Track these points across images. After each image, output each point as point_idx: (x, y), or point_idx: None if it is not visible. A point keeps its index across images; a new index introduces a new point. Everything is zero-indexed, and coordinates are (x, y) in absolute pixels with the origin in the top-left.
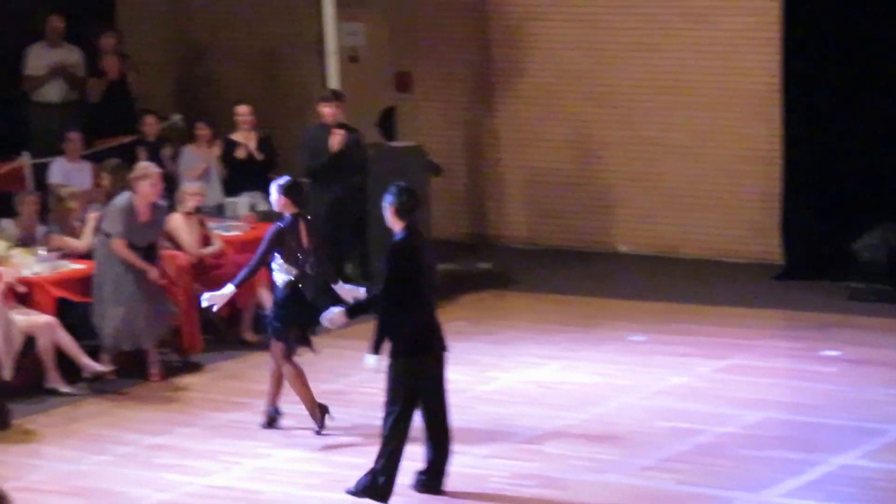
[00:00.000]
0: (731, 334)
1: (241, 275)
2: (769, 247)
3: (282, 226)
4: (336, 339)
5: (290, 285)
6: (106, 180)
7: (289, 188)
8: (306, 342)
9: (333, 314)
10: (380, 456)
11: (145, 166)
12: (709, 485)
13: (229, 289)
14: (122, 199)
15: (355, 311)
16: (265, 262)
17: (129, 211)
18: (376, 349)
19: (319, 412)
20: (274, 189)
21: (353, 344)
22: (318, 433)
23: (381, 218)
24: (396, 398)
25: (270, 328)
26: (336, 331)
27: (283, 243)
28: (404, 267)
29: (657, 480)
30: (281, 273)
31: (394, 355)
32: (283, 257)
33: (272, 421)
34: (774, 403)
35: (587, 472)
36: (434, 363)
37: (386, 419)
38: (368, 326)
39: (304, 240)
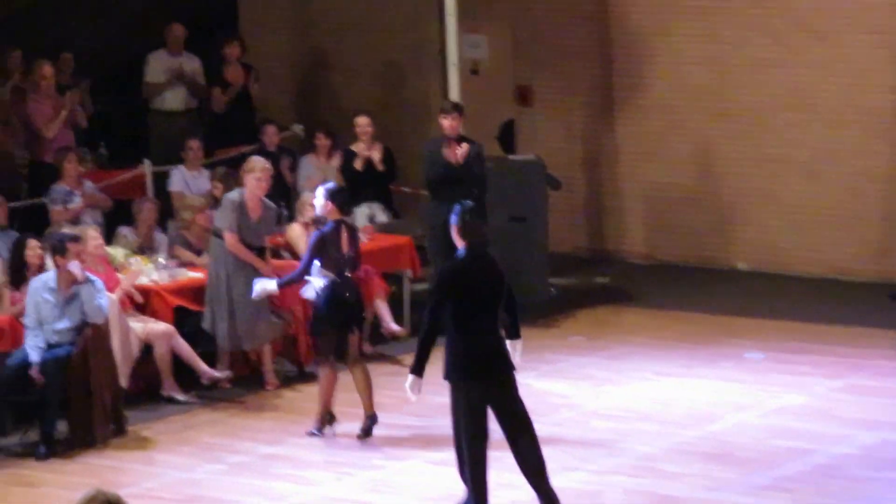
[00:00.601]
0: (848, 353)
1: (287, 278)
2: (889, 266)
3: (324, 231)
4: None
5: (328, 290)
6: (217, 189)
7: (335, 193)
8: (342, 353)
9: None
10: (466, 480)
11: (253, 160)
12: None
13: (272, 285)
14: (232, 194)
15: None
16: (308, 270)
17: (240, 206)
18: (415, 369)
19: (327, 419)
20: (321, 194)
21: None
22: (309, 433)
23: (500, 230)
24: (457, 422)
25: (311, 332)
26: None
27: (324, 250)
28: (448, 289)
29: (772, 500)
30: (319, 278)
31: (448, 378)
32: (322, 263)
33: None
34: (891, 424)
35: (701, 490)
36: (493, 388)
37: (455, 446)
38: None
39: (345, 246)
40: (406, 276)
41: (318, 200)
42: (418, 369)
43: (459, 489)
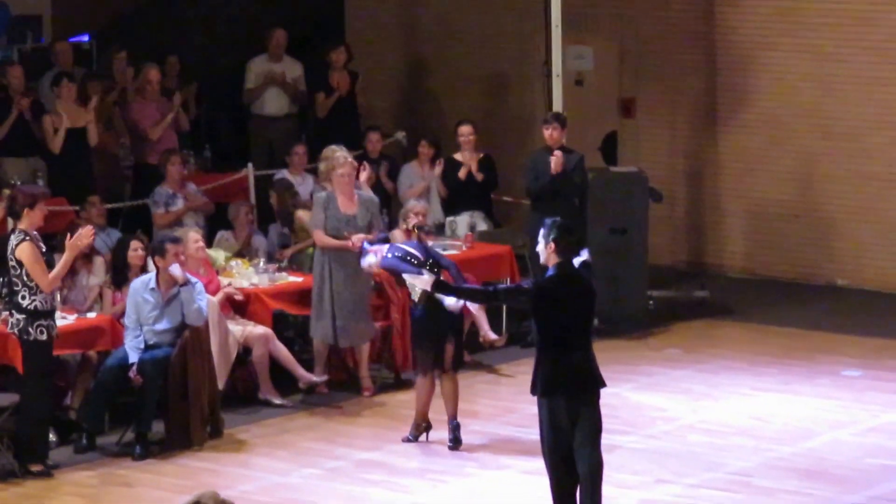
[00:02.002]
0: None
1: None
2: None
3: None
4: None
5: (424, 301)
6: (273, 198)
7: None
8: (439, 361)
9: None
10: None
11: (333, 158)
12: None
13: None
14: (321, 193)
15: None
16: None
17: (328, 203)
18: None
19: (423, 427)
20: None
21: None
22: (405, 440)
23: (600, 242)
24: (542, 435)
25: (412, 342)
26: None
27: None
28: (543, 306)
29: None
30: (415, 290)
31: (534, 394)
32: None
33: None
34: None
35: None
36: (579, 405)
37: (544, 460)
38: None
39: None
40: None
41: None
42: (440, 286)
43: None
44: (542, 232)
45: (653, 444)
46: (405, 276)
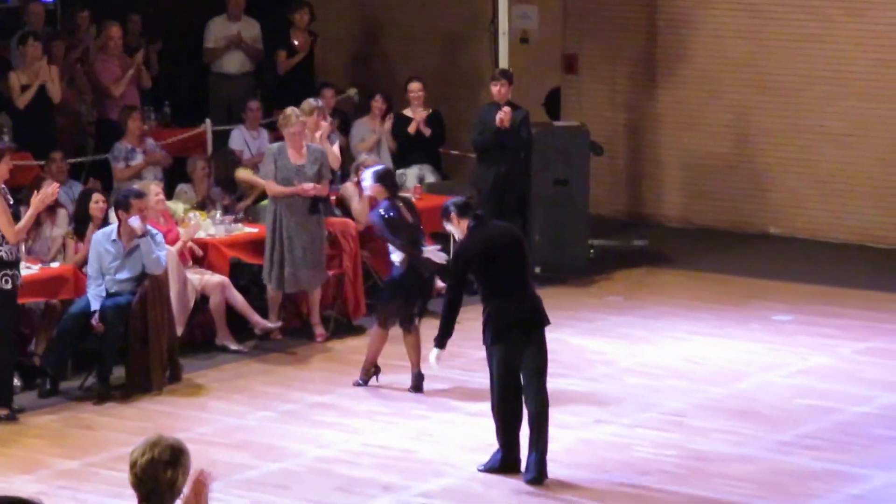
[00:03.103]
0: (874, 318)
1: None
2: None
3: (384, 215)
4: None
5: (406, 263)
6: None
7: (383, 176)
8: (407, 320)
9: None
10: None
11: (287, 114)
12: (844, 462)
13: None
14: (272, 145)
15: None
16: (405, 243)
17: (278, 154)
18: (438, 343)
19: (372, 371)
20: (369, 176)
21: None
22: (355, 384)
23: (544, 193)
24: (493, 381)
25: (380, 296)
26: None
27: (394, 228)
28: (466, 265)
29: (794, 456)
30: (397, 253)
31: (485, 343)
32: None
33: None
34: None
35: (727, 444)
36: (526, 345)
37: (491, 403)
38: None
39: (408, 217)
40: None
41: (367, 182)
42: (442, 343)
43: (495, 440)
44: (443, 220)
45: (592, 387)
46: (426, 251)
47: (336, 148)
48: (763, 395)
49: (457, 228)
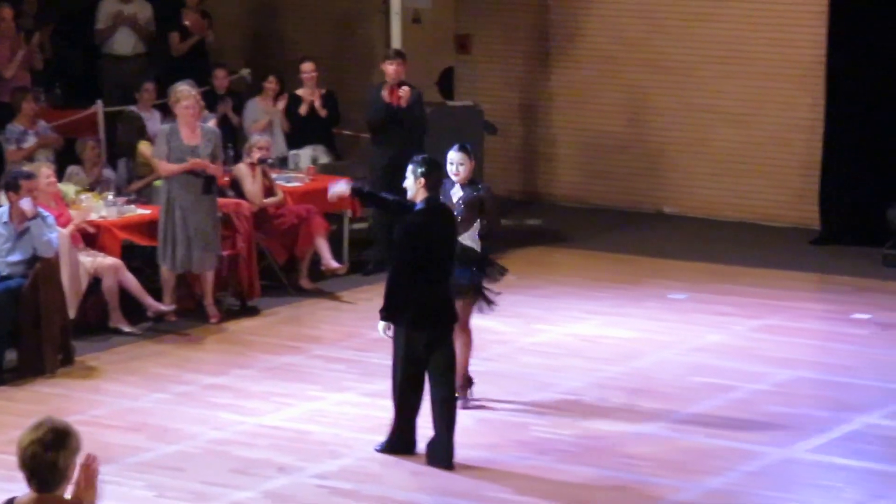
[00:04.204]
0: (767, 295)
1: (364, 189)
2: (808, 212)
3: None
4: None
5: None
6: (120, 130)
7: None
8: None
9: (339, 185)
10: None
11: (178, 91)
12: (739, 439)
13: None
14: (164, 126)
15: (360, 194)
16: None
17: (171, 135)
18: (385, 316)
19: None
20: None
21: None
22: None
23: None
24: (398, 364)
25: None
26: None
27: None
28: (414, 242)
29: (690, 433)
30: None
31: (399, 324)
32: None
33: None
34: (806, 363)
35: (623, 423)
36: (436, 338)
37: (392, 383)
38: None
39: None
40: (346, 215)
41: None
42: (389, 316)
43: (390, 420)
44: (410, 168)
45: (489, 366)
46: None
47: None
48: (659, 373)
49: (412, 187)
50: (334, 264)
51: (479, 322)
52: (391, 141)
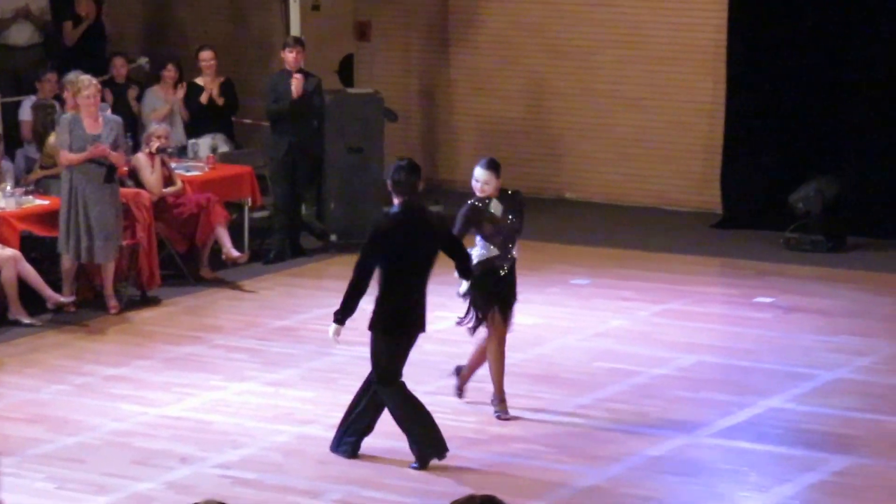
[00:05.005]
0: (670, 280)
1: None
2: (710, 196)
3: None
4: (290, 277)
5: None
6: (31, 117)
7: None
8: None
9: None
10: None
11: (79, 82)
12: (642, 424)
13: None
14: (66, 115)
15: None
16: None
17: (73, 124)
18: (338, 319)
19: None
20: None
21: (305, 283)
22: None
23: (336, 162)
24: (374, 369)
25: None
26: (288, 268)
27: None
28: (378, 247)
29: (593, 419)
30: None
31: (372, 329)
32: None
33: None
34: (709, 347)
35: (526, 409)
36: (406, 342)
37: (363, 384)
38: (320, 266)
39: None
40: (246, 204)
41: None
42: (342, 319)
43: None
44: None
45: None
46: None
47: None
48: (562, 359)
49: (393, 198)
50: (235, 253)
51: None
52: (290, 129)
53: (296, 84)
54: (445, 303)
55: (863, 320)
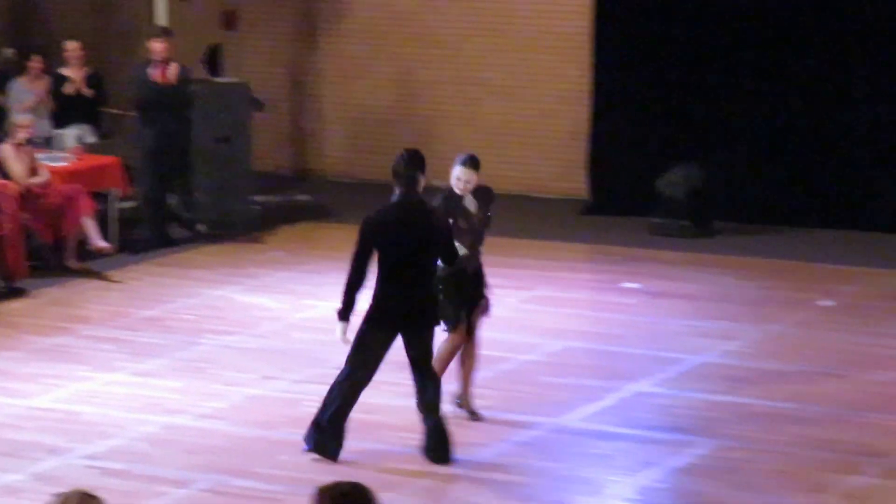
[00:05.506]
0: (538, 266)
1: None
2: (577, 183)
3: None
4: (157, 267)
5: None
6: None
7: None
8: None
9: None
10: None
11: None
12: (510, 410)
13: None
14: None
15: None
16: None
17: None
18: (341, 316)
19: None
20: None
21: (173, 273)
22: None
23: (205, 150)
24: (351, 359)
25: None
26: (156, 258)
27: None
28: (371, 238)
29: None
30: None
31: (365, 321)
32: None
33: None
34: (577, 333)
35: (395, 396)
36: (408, 338)
37: (339, 374)
38: (188, 255)
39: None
40: (114, 194)
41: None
42: (345, 316)
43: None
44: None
45: (259, 343)
46: None
47: None
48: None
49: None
50: (102, 244)
51: (250, 299)
52: (159, 119)
53: (171, 72)
54: (313, 291)
55: (729, 305)
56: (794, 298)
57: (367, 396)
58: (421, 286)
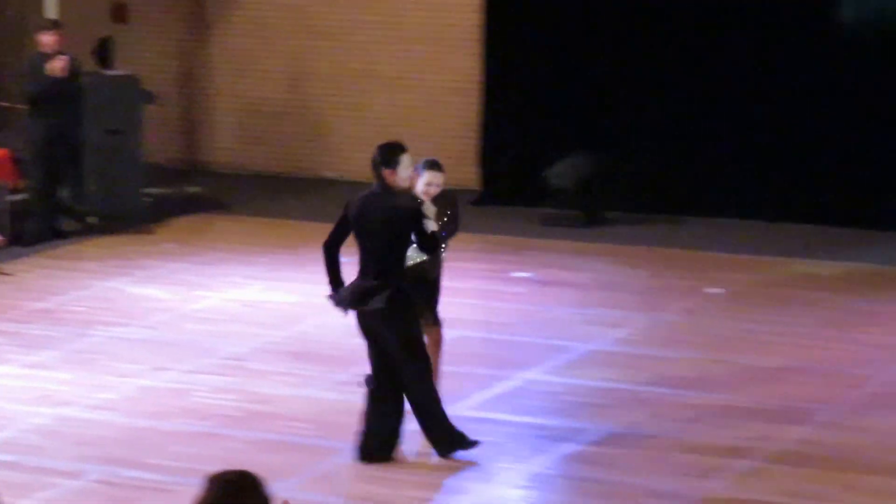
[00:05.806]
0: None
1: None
2: (468, 174)
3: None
4: (48, 259)
5: None
6: None
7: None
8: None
9: None
10: None
11: None
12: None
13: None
14: None
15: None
16: None
17: None
18: (328, 295)
19: None
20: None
21: (64, 265)
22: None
23: (96, 143)
24: (412, 357)
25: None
26: (46, 251)
27: None
28: (339, 219)
29: (352, 394)
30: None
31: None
32: None
33: None
34: (468, 322)
35: (287, 386)
36: (367, 321)
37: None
38: (79, 248)
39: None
40: (3, 187)
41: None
42: (331, 294)
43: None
44: None
45: (150, 334)
46: None
47: None
48: (320, 336)
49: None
50: None
51: (141, 290)
52: (50, 112)
53: (61, 64)
54: (205, 282)
55: (618, 293)
56: (683, 286)
57: (259, 387)
58: (374, 270)
